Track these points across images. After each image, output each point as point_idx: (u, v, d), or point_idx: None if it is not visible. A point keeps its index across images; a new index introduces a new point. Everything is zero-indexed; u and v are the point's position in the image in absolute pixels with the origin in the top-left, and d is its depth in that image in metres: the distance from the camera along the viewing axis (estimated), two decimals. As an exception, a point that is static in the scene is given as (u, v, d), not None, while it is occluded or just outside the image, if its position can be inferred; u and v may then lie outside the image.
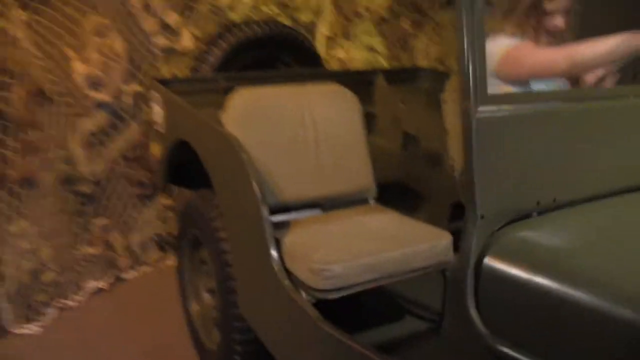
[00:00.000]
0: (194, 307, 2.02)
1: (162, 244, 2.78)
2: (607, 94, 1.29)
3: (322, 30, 3.61)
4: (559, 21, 1.68)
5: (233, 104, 1.64)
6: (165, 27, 2.69)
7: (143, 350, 2.12)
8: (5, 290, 2.25)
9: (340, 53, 3.75)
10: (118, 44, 2.48)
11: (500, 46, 1.62)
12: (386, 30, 4.00)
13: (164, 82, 2.09)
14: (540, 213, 1.02)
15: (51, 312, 2.39)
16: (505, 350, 0.89)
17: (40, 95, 2.26)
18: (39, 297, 2.36)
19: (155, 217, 2.73)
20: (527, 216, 1.01)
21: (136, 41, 2.56)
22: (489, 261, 0.93)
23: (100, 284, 2.58)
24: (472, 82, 0.90)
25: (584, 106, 1.11)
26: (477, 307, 0.93)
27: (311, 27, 3.53)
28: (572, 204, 1.04)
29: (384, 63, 3.85)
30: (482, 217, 0.94)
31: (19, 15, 2.11)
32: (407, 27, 4.06)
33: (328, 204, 1.73)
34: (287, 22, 3.24)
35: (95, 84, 2.43)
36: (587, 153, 1.07)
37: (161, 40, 2.67)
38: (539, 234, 0.97)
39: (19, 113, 2.18)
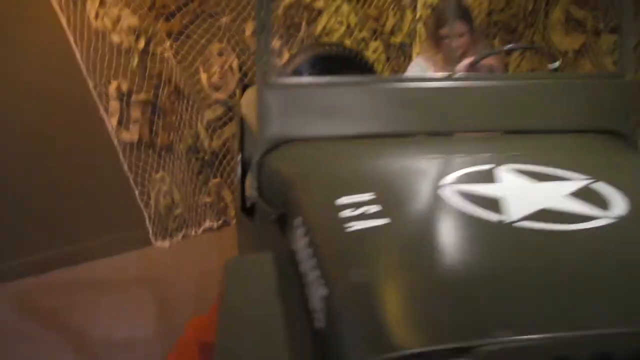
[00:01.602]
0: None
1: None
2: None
3: (416, 50, 4.38)
4: (454, 43, 2.36)
5: None
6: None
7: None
8: (150, 215, 3.58)
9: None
10: (234, 62, 3.68)
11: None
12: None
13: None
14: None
15: (178, 236, 3.68)
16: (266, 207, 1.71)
17: (179, 94, 3.55)
18: (170, 225, 3.66)
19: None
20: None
21: (247, 59, 3.73)
22: (264, 160, 1.76)
23: (213, 224, 3.80)
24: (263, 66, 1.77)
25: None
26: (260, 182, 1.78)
27: (406, 49, 4.34)
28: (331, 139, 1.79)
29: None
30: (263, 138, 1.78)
31: (168, 43, 3.42)
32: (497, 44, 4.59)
33: None
34: (380, 45, 4.15)
35: (217, 87, 3.65)
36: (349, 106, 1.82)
37: (267, 59, 3.80)
38: (295, 150, 1.76)
39: (165, 104, 3.50)
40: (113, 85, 3.26)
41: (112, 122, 3.31)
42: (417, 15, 4.17)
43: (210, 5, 3.48)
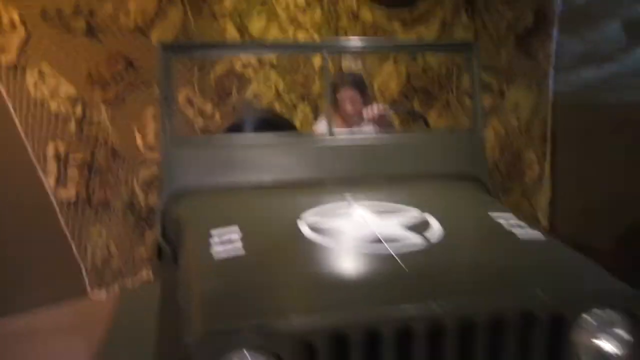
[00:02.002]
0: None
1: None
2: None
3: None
4: (347, 107, 2.78)
5: None
6: (203, 113, 4.21)
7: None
8: (87, 267, 3.81)
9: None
10: (167, 124, 4.03)
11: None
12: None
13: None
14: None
15: (114, 287, 3.90)
16: (166, 248, 2.00)
17: (115, 154, 3.87)
18: (107, 276, 3.89)
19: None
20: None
21: (180, 123, 4.09)
22: (168, 206, 2.07)
23: (149, 275, 4.03)
24: (167, 127, 2.11)
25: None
26: (164, 226, 2.08)
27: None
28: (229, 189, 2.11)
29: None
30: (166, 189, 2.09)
31: (104, 108, 3.78)
32: (417, 106, 5.07)
33: None
34: (307, 108, 4.56)
35: (151, 148, 3.99)
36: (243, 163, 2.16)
37: (200, 122, 4.18)
38: (192, 198, 2.07)
39: (101, 164, 3.81)
40: (51, 148, 3.58)
41: (49, 181, 3.60)
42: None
43: (144, 75, 3.86)
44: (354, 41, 3.79)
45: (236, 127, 3.71)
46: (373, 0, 4.86)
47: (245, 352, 1.17)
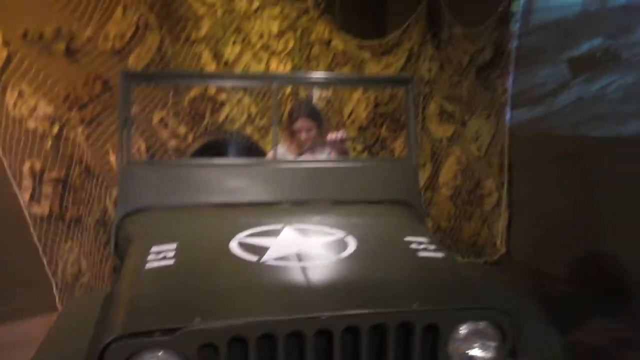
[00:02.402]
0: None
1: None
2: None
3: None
4: (302, 135, 2.96)
5: None
6: (177, 135, 4.36)
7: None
8: (57, 283, 3.90)
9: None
10: (142, 145, 4.18)
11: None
12: (367, 134, 5.29)
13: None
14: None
15: (84, 302, 3.99)
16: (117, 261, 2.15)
17: (89, 173, 4.00)
18: (77, 291, 3.98)
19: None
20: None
21: (154, 143, 4.24)
22: (121, 224, 2.23)
23: (118, 291, 4.13)
24: (124, 150, 2.28)
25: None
26: (117, 242, 2.23)
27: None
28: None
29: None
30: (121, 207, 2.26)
31: (81, 129, 3.91)
32: (384, 132, 5.30)
33: None
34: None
35: (125, 167, 4.12)
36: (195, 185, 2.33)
37: (173, 143, 4.34)
38: (143, 216, 2.23)
39: (75, 182, 3.93)
40: (27, 165, 3.69)
41: (24, 197, 3.71)
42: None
43: (120, 97, 4.01)
44: (301, 74, 4.17)
45: (206, 149, 3.89)
46: (345, 31, 5.12)
47: (155, 352, 1.37)
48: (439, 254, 1.85)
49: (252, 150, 4.09)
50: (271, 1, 4.65)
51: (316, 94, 5.12)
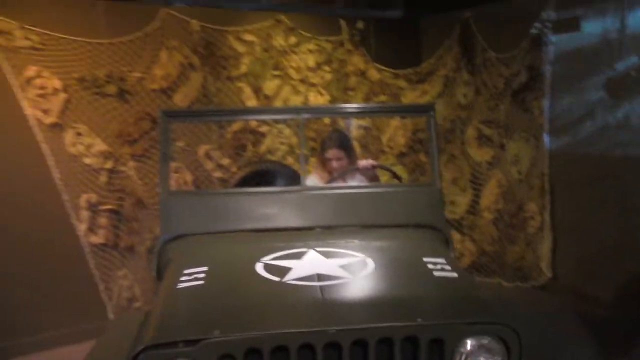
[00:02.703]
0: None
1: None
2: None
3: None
4: (333, 164, 3.10)
5: None
6: (221, 166, 4.60)
7: None
8: (112, 308, 4.16)
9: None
10: (188, 176, 4.44)
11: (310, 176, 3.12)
12: (406, 161, 5.38)
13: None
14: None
15: (136, 326, 4.22)
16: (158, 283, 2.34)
17: (141, 204, 4.27)
18: (130, 315, 4.22)
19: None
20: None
21: (200, 175, 4.49)
22: (162, 249, 2.40)
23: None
24: (165, 182, 2.48)
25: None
26: (158, 266, 2.40)
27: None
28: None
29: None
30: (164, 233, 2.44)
31: (132, 163, 4.20)
32: (423, 158, 5.38)
33: None
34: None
35: (173, 198, 4.37)
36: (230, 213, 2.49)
37: (218, 174, 4.58)
38: (184, 241, 2.41)
39: (128, 213, 4.21)
40: (83, 198, 4.00)
41: (81, 228, 4.01)
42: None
43: (168, 133, 4.30)
44: (325, 106, 4.43)
45: (249, 179, 4.09)
46: (380, 62, 5.27)
47: None
48: (454, 274, 1.93)
49: (293, 178, 4.27)
50: (307, 37, 4.88)
51: (354, 122, 5.28)
